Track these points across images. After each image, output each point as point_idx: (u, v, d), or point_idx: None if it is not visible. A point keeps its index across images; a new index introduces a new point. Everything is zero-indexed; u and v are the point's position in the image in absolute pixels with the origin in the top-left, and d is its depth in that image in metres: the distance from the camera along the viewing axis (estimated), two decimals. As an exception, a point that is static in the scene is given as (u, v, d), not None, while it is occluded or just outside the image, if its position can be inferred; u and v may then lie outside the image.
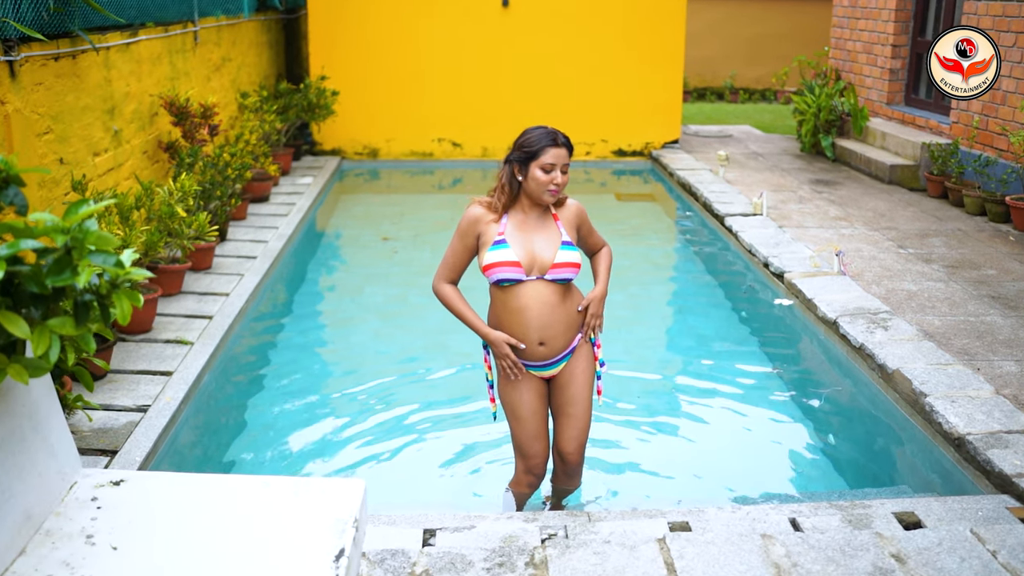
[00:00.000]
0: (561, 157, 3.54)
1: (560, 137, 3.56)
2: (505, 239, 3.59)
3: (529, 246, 3.60)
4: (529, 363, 3.73)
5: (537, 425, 3.80)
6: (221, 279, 6.93)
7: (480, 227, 3.64)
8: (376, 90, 11.89)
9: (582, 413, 3.78)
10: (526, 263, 3.58)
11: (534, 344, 3.66)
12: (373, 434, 5.10)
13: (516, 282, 3.59)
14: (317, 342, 6.48)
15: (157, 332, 5.87)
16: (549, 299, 3.62)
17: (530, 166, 3.54)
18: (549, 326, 3.64)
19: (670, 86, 12.14)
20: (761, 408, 5.47)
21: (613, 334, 6.61)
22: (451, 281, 3.74)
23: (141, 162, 7.15)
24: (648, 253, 8.68)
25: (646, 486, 4.65)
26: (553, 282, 3.62)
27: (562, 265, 3.59)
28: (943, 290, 6.59)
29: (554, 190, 3.55)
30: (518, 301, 3.61)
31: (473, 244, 3.66)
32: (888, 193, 9.74)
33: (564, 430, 3.77)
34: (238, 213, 8.46)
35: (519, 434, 3.80)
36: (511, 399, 3.75)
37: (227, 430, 5.24)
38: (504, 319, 3.65)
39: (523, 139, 3.57)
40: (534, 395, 3.76)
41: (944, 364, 5.19)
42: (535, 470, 3.87)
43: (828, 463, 4.91)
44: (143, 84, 7.19)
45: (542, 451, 3.83)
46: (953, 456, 4.47)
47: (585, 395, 3.79)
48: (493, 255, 3.58)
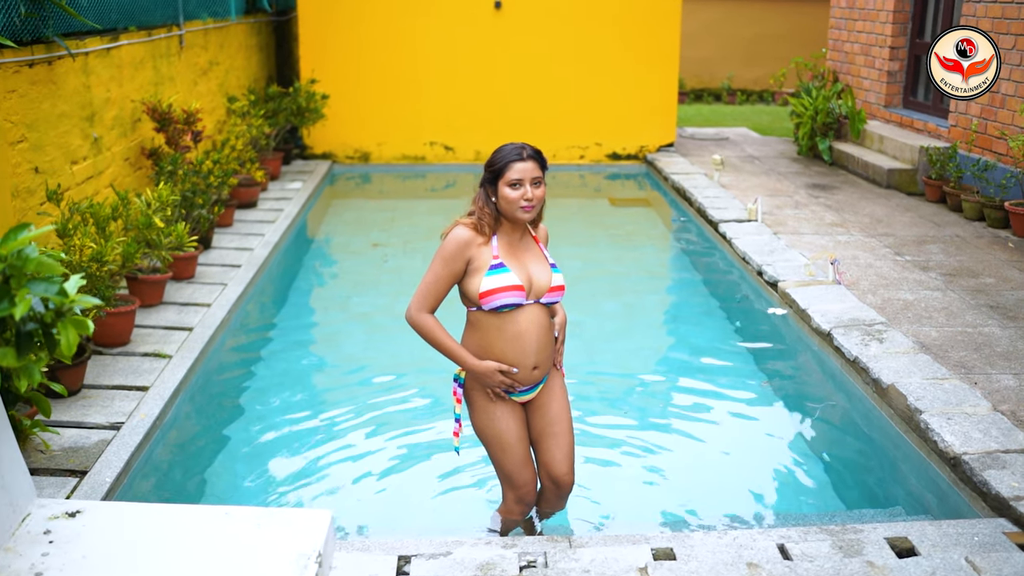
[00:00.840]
0: (528, 171, 3.38)
1: (526, 151, 3.40)
2: (503, 263, 3.44)
3: (526, 268, 3.47)
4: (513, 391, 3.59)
5: (525, 451, 3.67)
6: (203, 289, 6.79)
7: (471, 251, 3.42)
8: (367, 93, 11.75)
9: (567, 430, 3.65)
10: (526, 287, 3.45)
11: (529, 369, 3.53)
12: (354, 455, 4.95)
13: (515, 307, 3.45)
14: (301, 356, 6.33)
15: (135, 345, 5.73)
16: (543, 322, 3.53)
17: (499, 185, 3.40)
18: (543, 349, 3.54)
19: (665, 88, 12.00)
20: (753, 423, 5.33)
21: (605, 344, 6.49)
22: (430, 310, 3.51)
23: (123, 169, 7.02)
24: (642, 260, 8.54)
25: (632, 503, 4.51)
26: (544, 305, 3.51)
27: (558, 288, 3.51)
28: (940, 299, 6.45)
29: (526, 206, 3.39)
30: (517, 326, 3.46)
31: (461, 270, 3.44)
32: (885, 198, 9.59)
33: (553, 451, 3.63)
34: (224, 219, 8.32)
35: (508, 464, 3.64)
36: (496, 430, 3.59)
37: (203, 450, 5.09)
38: (499, 346, 3.48)
39: (491, 159, 3.44)
40: (518, 422, 3.63)
41: (940, 379, 5.05)
42: (527, 498, 3.74)
43: (820, 481, 4.77)
44: (125, 90, 7.05)
45: (532, 478, 3.70)
46: (949, 476, 4.33)
47: (566, 413, 3.67)
48: (494, 280, 3.40)
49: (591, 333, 6.75)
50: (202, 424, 5.34)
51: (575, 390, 5.69)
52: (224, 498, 4.56)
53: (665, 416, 5.39)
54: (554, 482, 3.64)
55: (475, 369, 3.48)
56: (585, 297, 7.45)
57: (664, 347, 6.56)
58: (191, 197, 6.77)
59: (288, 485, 4.69)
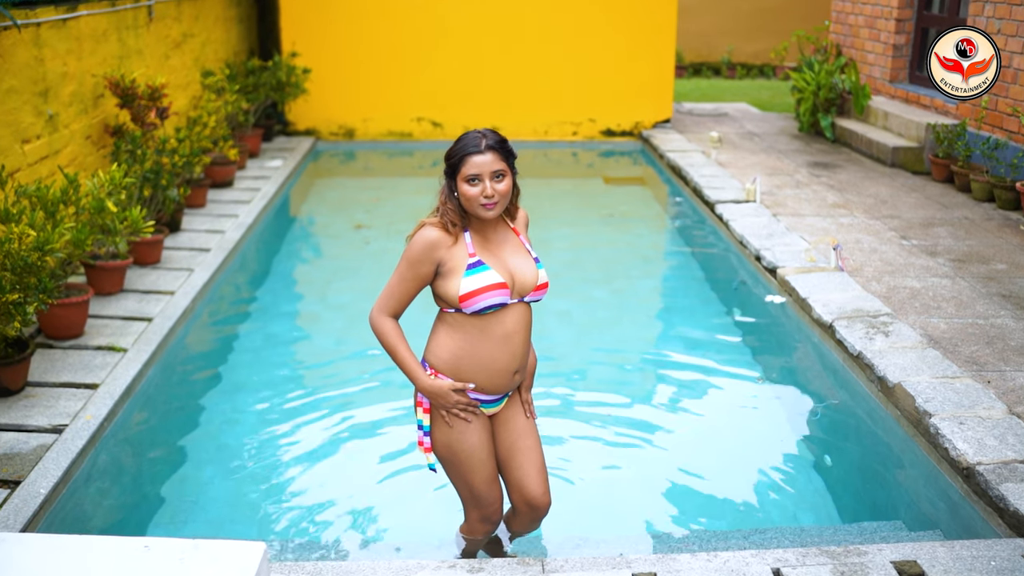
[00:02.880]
0: (487, 165, 2.97)
1: (486, 141, 3.00)
2: (482, 260, 3.06)
3: (507, 265, 3.09)
4: (486, 399, 3.21)
5: (493, 466, 3.30)
6: (168, 275, 6.41)
7: (440, 253, 3.05)
8: (352, 67, 11.31)
9: (537, 444, 3.29)
10: (510, 284, 3.08)
11: (511, 375, 3.16)
12: (325, 465, 4.57)
13: (500, 307, 3.07)
14: (273, 350, 5.92)
15: (89, 337, 5.36)
16: (529, 322, 3.18)
17: (457, 180, 3.02)
18: (526, 353, 3.21)
19: (662, 62, 11.55)
20: (748, 424, 4.97)
21: (594, 336, 6.12)
22: (394, 315, 3.17)
23: (83, 148, 6.61)
24: (635, 243, 8.14)
25: (614, 514, 4.16)
26: (529, 305, 3.15)
27: (542, 288, 3.14)
28: (949, 287, 6.07)
29: (487, 204, 3.00)
30: (504, 327, 3.09)
31: (429, 273, 3.08)
32: (890, 177, 9.19)
33: (526, 469, 3.24)
34: (196, 200, 7.92)
35: (475, 482, 3.26)
36: (464, 445, 3.20)
37: (155, 458, 4.71)
38: (485, 349, 3.08)
39: (449, 150, 3.05)
40: (487, 435, 3.26)
41: (951, 377, 4.67)
42: (494, 516, 3.37)
43: (820, 490, 4.41)
44: (85, 64, 6.64)
45: (499, 495, 3.34)
46: (961, 488, 3.97)
47: (532, 426, 3.30)
48: (472, 281, 3.02)
49: (580, 322, 6.39)
50: (156, 427, 4.97)
51: (559, 383, 5.33)
52: (175, 516, 4.21)
53: (653, 416, 5.03)
54: (529, 505, 3.26)
55: (427, 389, 3.12)
56: (576, 283, 7.08)
57: (655, 338, 6.18)
58: (153, 178, 6.37)
59: (249, 500, 4.32)
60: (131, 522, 4.19)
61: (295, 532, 4.05)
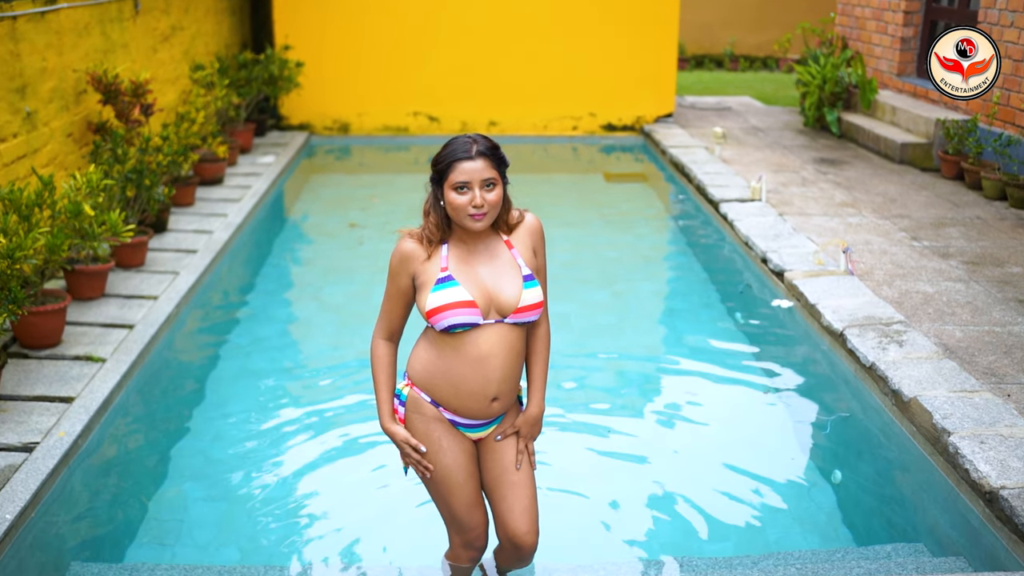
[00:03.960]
0: (476, 172, 2.76)
1: (477, 146, 2.79)
2: (451, 275, 2.84)
3: (482, 282, 2.86)
4: (466, 423, 2.98)
5: (474, 490, 3.07)
6: (152, 279, 6.18)
7: (414, 266, 2.88)
8: (347, 60, 11.05)
9: (527, 480, 3.03)
10: (482, 303, 2.84)
11: (487, 401, 2.92)
12: (310, 484, 4.32)
13: (472, 327, 2.84)
14: (261, 356, 5.67)
15: (66, 346, 5.13)
16: (514, 346, 2.91)
17: (444, 188, 2.80)
18: (508, 379, 2.93)
19: (664, 55, 11.29)
20: (755, 438, 4.73)
21: (593, 342, 5.89)
22: (389, 335, 3.02)
23: (65, 147, 6.37)
24: (637, 244, 7.90)
25: (612, 539, 3.93)
26: (516, 325, 2.90)
27: (526, 309, 2.87)
28: (963, 292, 5.83)
29: (475, 214, 2.79)
30: (478, 349, 2.86)
31: (408, 287, 2.92)
32: (899, 174, 8.94)
33: (510, 504, 3.00)
34: (184, 198, 7.69)
35: (455, 505, 3.06)
36: (443, 465, 3.00)
37: (133, 478, 4.47)
38: (458, 370, 2.89)
39: (436, 156, 2.83)
40: (467, 457, 3.02)
41: (969, 391, 4.44)
42: (476, 542, 3.15)
43: (830, 509, 4.19)
44: (65, 59, 6.39)
45: (482, 520, 3.11)
46: (983, 512, 3.74)
47: (526, 459, 3.06)
48: (439, 296, 2.83)
49: (579, 327, 6.16)
50: (137, 443, 4.74)
51: (554, 392, 5.09)
52: (158, 538, 3.99)
53: (653, 430, 4.80)
54: (512, 543, 3.02)
55: (386, 430, 3.02)
56: (575, 285, 6.85)
57: (656, 346, 5.94)
58: (136, 178, 6.13)
59: (237, 521, 4.09)
60: (109, 546, 3.97)
61: (283, 556, 3.83)
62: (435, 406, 2.96)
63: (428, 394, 2.95)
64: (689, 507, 4.16)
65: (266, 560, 3.80)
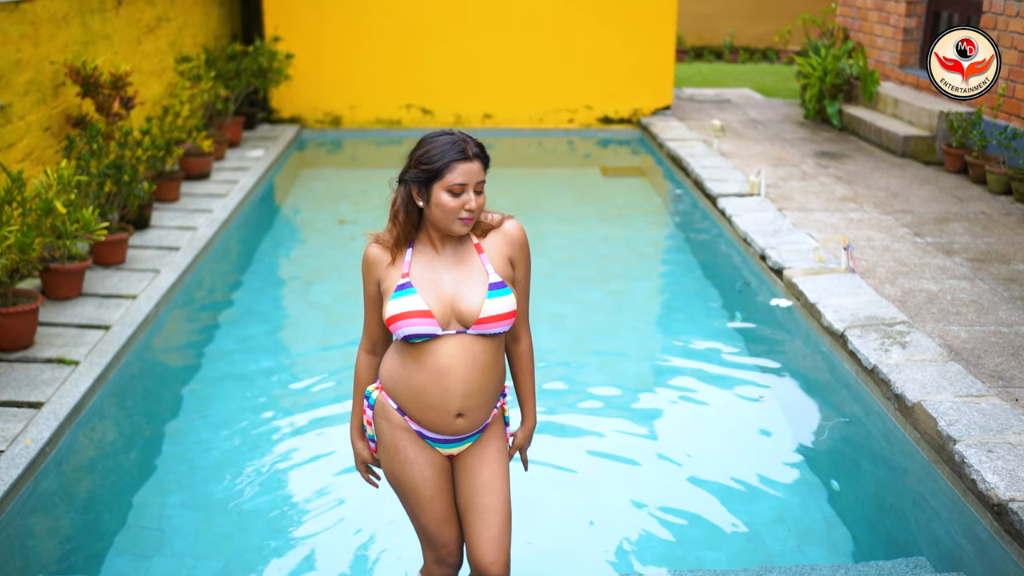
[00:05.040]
0: (474, 174, 2.61)
1: (472, 147, 2.62)
2: (410, 282, 2.66)
3: (442, 290, 2.67)
4: (433, 436, 2.80)
5: (444, 506, 2.88)
6: (132, 277, 5.99)
7: (379, 272, 2.73)
8: (339, 52, 10.84)
9: (499, 505, 2.82)
10: (441, 313, 2.66)
11: (451, 416, 2.74)
12: (297, 492, 4.15)
13: (431, 337, 2.66)
14: (246, 357, 5.47)
15: (38, 348, 4.95)
16: (479, 358, 2.70)
17: (433, 188, 2.61)
18: (475, 394, 2.73)
19: (662, 46, 11.08)
20: (752, 444, 4.56)
21: (588, 342, 5.71)
22: (371, 347, 2.89)
23: (42, 141, 6.18)
24: (633, 239, 7.71)
25: (602, 550, 3.76)
26: (482, 337, 2.70)
27: (490, 320, 2.66)
28: (968, 290, 5.65)
29: (467, 218, 2.63)
30: (438, 361, 2.68)
31: (375, 293, 2.78)
32: (901, 168, 8.74)
33: (479, 530, 2.81)
34: (169, 194, 7.50)
35: (424, 520, 2.89)
36: (407, 477, 2.83)
37: (108, 484, 4.30)
38: (419, 380, 2.72)
39: (422, 152, 2.63)
40: (437, 471, 2.84)
41: (976, 396, 4.26)
42: (449, 559, 2.97)
43: (829, 519, 4.01)
44: (42, 50, 6.20)
45: (454, 536, 2.92)
46: (991, 525, 3.56)
47: (502, 481, 2.84)
48: (396, 304, 2.67)
49: (573, 327, 5.98)
50: (110, 451, 4.56)
51: (546, 395, 4.92)
52: (135, 548, 3.83)
53: (646, 435, 4.62)
54: (477, 571, 2.84)
55: (352, 445, 2.96)
56: (569, 283, 6.67)
57: (652, 347, 5.75)
58: (115, 173, 5.94)
59: (219, 531, 3.91)
60: (83, 557, 3.79)
61: (267, 566, 3.67)
62: (402, 414, 2.80)
63: (395, 401, 2.79)
64: (681, 514, 4.00)
65: (249, 571, 3.64)
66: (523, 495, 3.92)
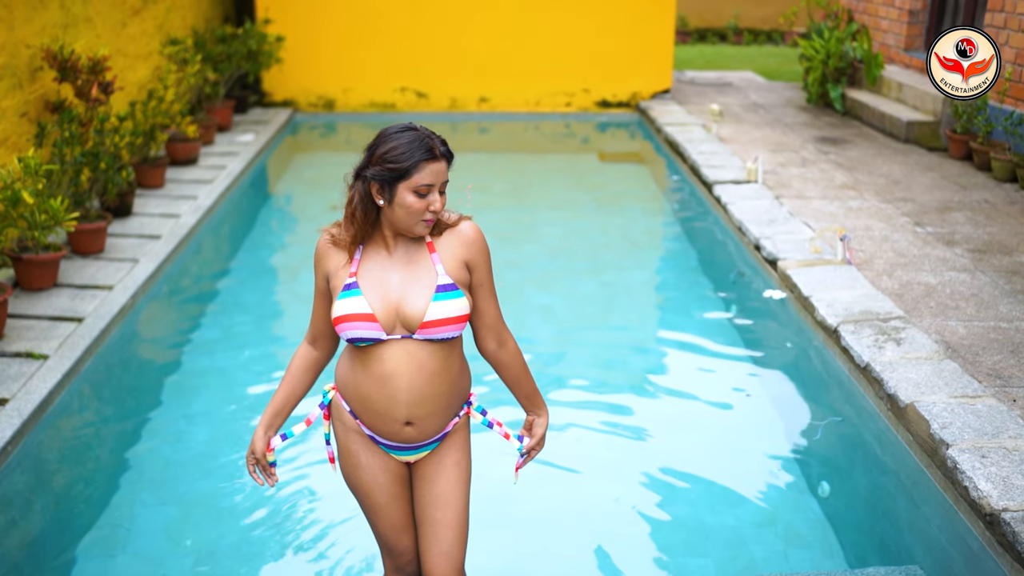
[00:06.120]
0: (440, 174, 2.47)
1: (439, 146, 2.47)
2: (356, 283, 2.52)
3: (388, 292, 2.53)
4: (385, 443, 2.67)
5: (400, 513, 2.76)
6: (110, 267, 5.85)
7: (329, 266, 2.60)
8: (332, 34, 10.65)
9: (453, 519, 2.68)
10: (385, 316, 2.51)
11: (398, 423, 2.60)
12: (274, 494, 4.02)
13: (375, 342, 2.52)
14: (228, 350, 5.31)
15: (6, 342, 4.82)
16: (425, 365, 2.55)
17: (398, 188, 2.45)
18: (424, 401, 2.58)
19: (661, 27, 10.86)
20: (739, 444, 4.40)
21: (579, 335, 5.56)
22: (313, 339, 2.74)
23: (18, 127, 6.03)
24: (628, 228, 7.54)
25: (583, 554, 3.62)
26: (429, 342, 2.55)
27: (436, 324, 2.51)
28: (968, 283, 5.48)
29: (430, 219, 2.50)
30: (382, 366, 2.55)
31: (324, 288, 2.64)
32: (904, 154, 8.54)
33: (430, 543, 2.69)
34: (153, 180, 7.35)
35: (378, 527, 2.79)
36: (360, 482, 2.72)
37: (73, 484, 4.17)
38: (365, 386, 2.59)
39: (386, 148, 2.46)
40: (391, 477, 2.71)
41: (971, 396, 4.10)
42: (407, 568, 2.84)
43: (819, 521, 3.87)
44: (17, 34, 6.03)
45: (412, 545, 2.81)
46: (983, 536, 3.41)
47: (457, 494, 2.70)
48: (341, 306, 2.53)
49: (563, 318, 5.84)
50: (80, 449, 4.43)
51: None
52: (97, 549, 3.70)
53: (632, 433, 4.47)
54: None
55: (254, 435, 2.74)
56: (562, 274, 6.52)
57: (643, 340, 5.59)
58: (90, 160, 5.78)
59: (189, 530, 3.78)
60: (49, 559, 3.66)
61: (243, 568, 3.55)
62: (355, 418, 2.67)
63: (348, 403, 2.67)
64: (667, 519, 3.86)
65: (225, 570, 3.52)
66: (503, 491, 3.79)
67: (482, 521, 3.66)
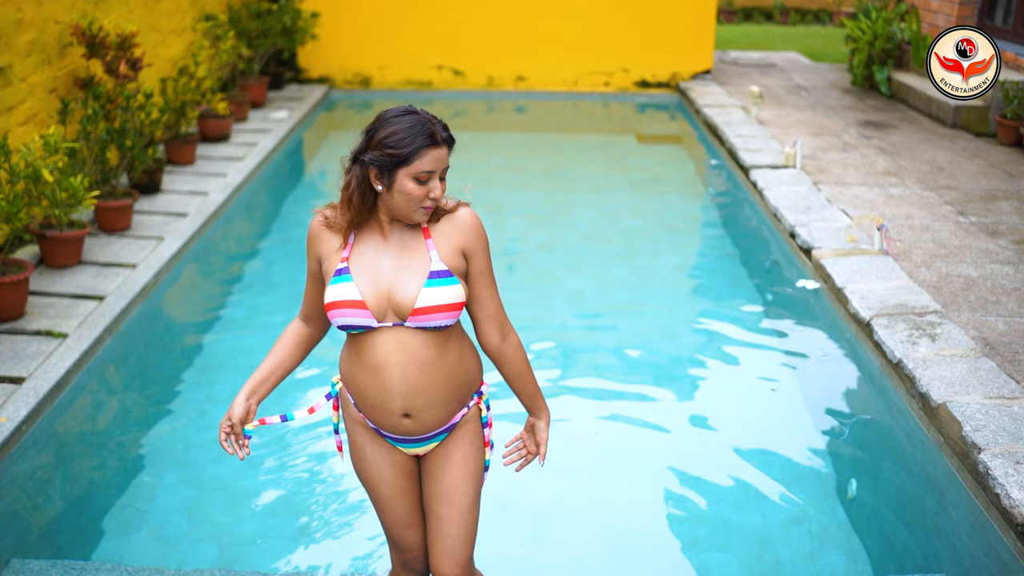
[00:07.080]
0: (442, 160, 2.38)
1: (440, 131, 2.38)
2: (347, 269, 2.44)
3: (380, 278, 2.44)
4: (391, 436, 2.59)
5: (407, 509, 2.69)
6: (135, 244, 5.84)
7: (321, 249, 2.52)
8: (368, 10, 10.55)
9: (458, 515, 2.60)
10: (375, 304, 2.43)
11: (396, 416, 2.52)
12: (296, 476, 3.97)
13: (367, 330, 2.44)
14: (256, 329, 5.25)
15: (28, 319, 4.81)
16: (418, 354, 2.46)
17: (397, 174, 2.36)
18: (419, 392, 2.49)
19: (702, 6, 10.61)
20: (768, 438, 4.25)
21: (609, 322, 5.45)
22: (306, 317, 2.66)
23: (47, 103, 6.02)
24: (664, 212, 7.39)
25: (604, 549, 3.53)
26: (422, 330, 2.46)
27: (427, 311, 2.42)
28: (1011, 277, 5.28)
29: (430, 206, 2.41)
30: (374, 355, 2.47)
31: (316, 271, 2.57)
32: (950, 140, 8.28)
33: (435, 539, 2.62)
34: (183, 157, 7.33)
35: (385, 521, 2.73)
36: (366, 475, 2.67)
37: (83, 469, 4.14)
38: (359, 376, 2.52)
39: (386, 133, 2.36)
40: (398, 471, 2.64)
41: (1008, 398, 3.93)
42: (414, 564, 2.77)
43: (845, 523, 3.74)
44: (46, 9, 6.01)
45: (419, 541, 2.73)
46: (1015, 546, 3.26)
47: (465, 489, 2.61)
48: (333, 292, 2.46)
49: (593, 304, 5.72)
50: (98, 428, 4.41)
51: (558, 377, 4.67)
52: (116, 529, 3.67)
53: (656, 425, 4.37)
54: None
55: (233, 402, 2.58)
56: (594, 258, 6.41)
57: (673, 329, 5.42)
58: (116, 138, 5.76)
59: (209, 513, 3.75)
60: (66, 538, 3.65)
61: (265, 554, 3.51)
62: (359, 410, 2.60)
63: (351, 395, 2.60)
64: (691, 513, 3.77)
65: (246, 558, 3.48)
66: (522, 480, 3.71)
67: (501, 511, 3.60)
